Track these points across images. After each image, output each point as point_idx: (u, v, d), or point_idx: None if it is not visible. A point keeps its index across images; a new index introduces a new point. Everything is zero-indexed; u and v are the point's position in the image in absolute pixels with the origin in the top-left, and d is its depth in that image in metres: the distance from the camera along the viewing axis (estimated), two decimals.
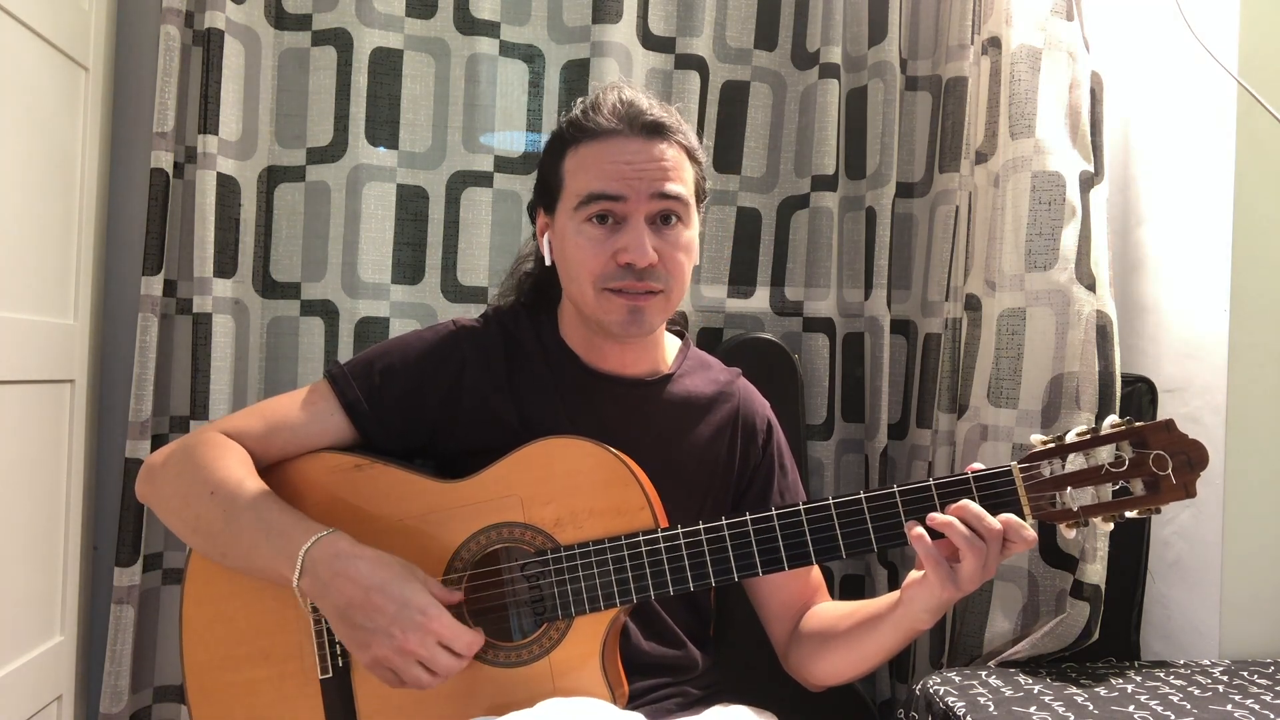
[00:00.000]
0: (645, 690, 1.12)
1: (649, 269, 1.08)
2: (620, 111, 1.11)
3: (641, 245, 1.07)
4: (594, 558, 1.04)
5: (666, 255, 1.09)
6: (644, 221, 1.09)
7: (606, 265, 1.09)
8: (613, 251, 1.08)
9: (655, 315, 1.11)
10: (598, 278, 1.09)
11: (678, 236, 1.11)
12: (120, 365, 1.58)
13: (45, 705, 1.44)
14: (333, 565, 0.99)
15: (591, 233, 1.09)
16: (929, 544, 0.98)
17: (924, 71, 1.77)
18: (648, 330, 1.12)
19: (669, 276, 1.10)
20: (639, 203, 1.08)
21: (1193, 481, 0.96)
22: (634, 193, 1.08)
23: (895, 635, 1.07)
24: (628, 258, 1.07)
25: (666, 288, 1.10)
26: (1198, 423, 1.52)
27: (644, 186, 1.08)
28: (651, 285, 1.09)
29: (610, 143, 1.10)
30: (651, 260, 1.07)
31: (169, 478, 1.11)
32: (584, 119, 1.12)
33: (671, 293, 1.11)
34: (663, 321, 1.14)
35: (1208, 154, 1.55)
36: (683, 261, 1.11)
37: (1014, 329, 1.49)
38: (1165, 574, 1.55)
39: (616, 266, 1.08)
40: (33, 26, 1.33)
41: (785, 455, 1.27)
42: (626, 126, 1.10)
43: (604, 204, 1.08)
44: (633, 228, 1.08)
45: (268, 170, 1.63)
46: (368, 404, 1.13)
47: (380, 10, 1.62)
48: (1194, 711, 1.21)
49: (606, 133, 1.10)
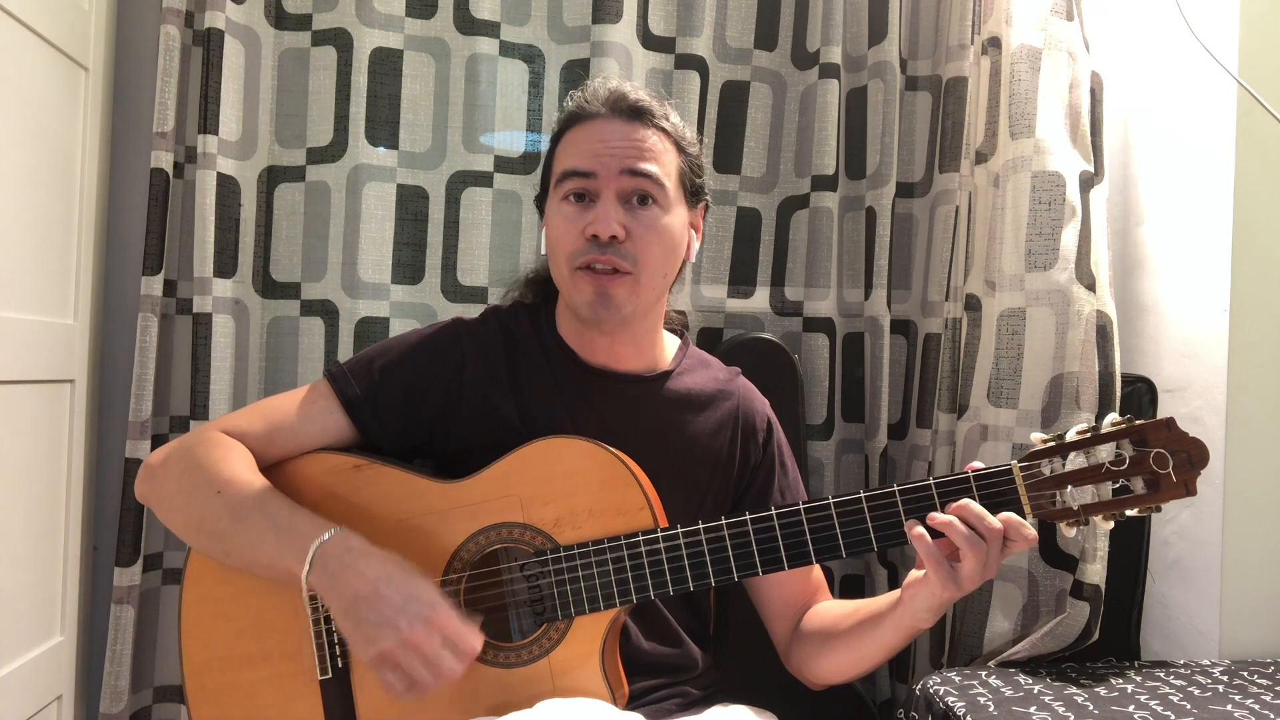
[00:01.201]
0: (645, 690, 1.12)
1: (614, 243, 1.09)
2: (605, 96, 1.14)
3: (606, 217, 1.08)
4: (593, 558, 1.04)
5: (636, 234, 1.10)
6: (615, 197, 1.10)
7: (577, 241, 1.10)
8: (583, 226, 1.10)
9: (624, 298, 1.10)
10: (570, 255, 1.11)
11: (651, 218, 1.11)
12: (120, 365, 1.58)
13: (45, 705, 1.44)
14: (343, 559, 0.99)
15: (566, 210, 1.12)
16: (930, 544, 0.98)
17: (924, 71, 1.77)
18: (617, 314, 1.11)
19: (638, 256, 1.10)
20: (609, 179, 1.10)
21: (1193, 479, 0.96)
22: (604, 169, 1.10)
23: (896, 634, 1.07)
24: (592, 229, 1.08)
25: (635, 269, 1.10)
26: (1198, 423, 1.52)
27: (614, 163, 1.10)
28: (617, 262, 1.09)
29: (592, 125, 1.13)
30: (615, 233, 1.08)
31: (170, 477, 1.11)
32: (577, 106, 1.16)
33: (641, 276, 1.11)
34: (636, 307, 1.13)
35: (1208, 154, 1.55)
36: (653, 243, 1.11)
37: (1014, 329, 1.49)
38: (1165, 574, 1.55)
39: (585, 241, 1.10)
40: (33, 26, 1.34)
41: (786, 454, 1.27)
42: (609, 110, 1.13)
43: (577, 181, 1.11)
44: (602, 202, 1.10)
45: (268, 170, 1.63)
46: (367, 402, 1.13)
47: (380, 10, 1.62)
48: (1194, 711, 1.21)
49: (590, 116, 1.13)
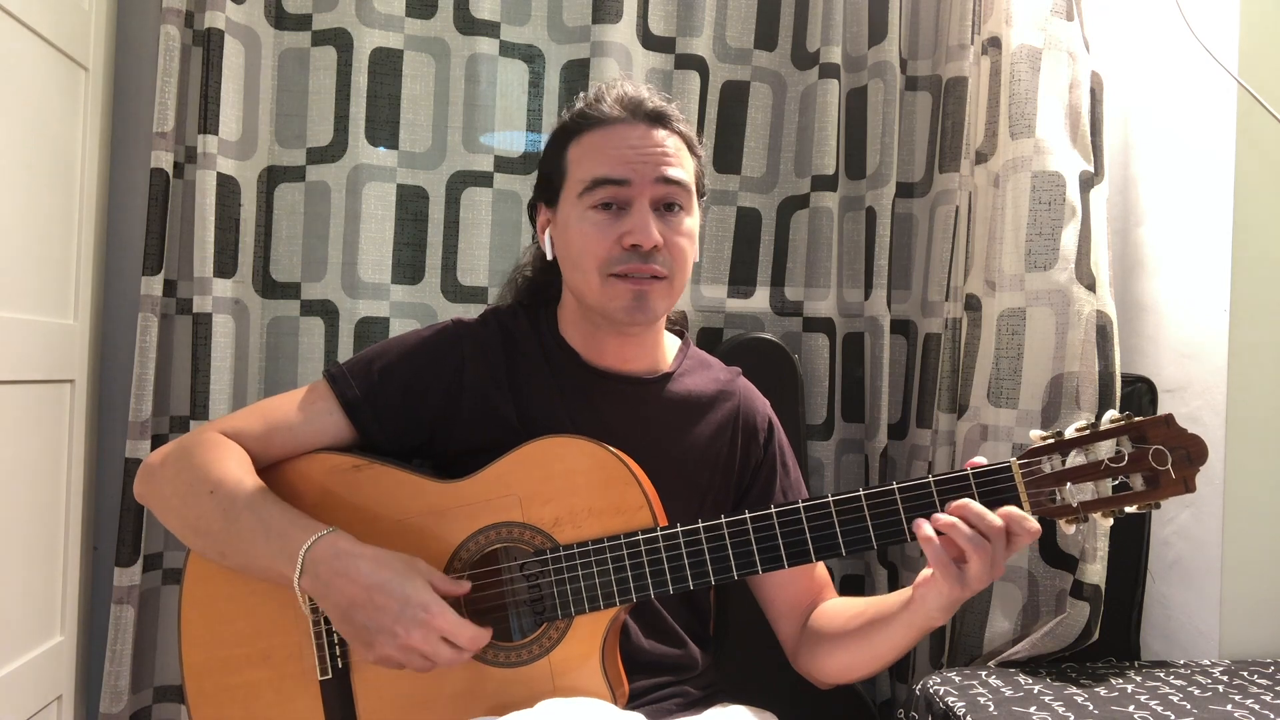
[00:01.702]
0: (645, 690, 1.12)
1: (654, 252, 1.09)
2: (624, 100, 1.13)
3: (647, 227, 1.08)
4: (593, 557, 1.04)
5: (670, 241, 1.10)
6: (649, 205, 1.10)
7: (612, 250, 1.09)
8: (618, 235, 1.09)
9: (659, 301, 1.11)
10: (603, 263, 1.10)
11: (680, 223, 1.12)
12: (120, 365, 1.58)
13: (45, 705, 1.44)
14: (333, 565, 0.99)
15: (596, 218, 1.10)
16: (937, 547, 0.97)
17: (924, 71, 1.77)
18: (652, 317, 1.12)
19: (673, 262, 1.11)
20: (643, 187, 1.09)
21: (1192, 476, 0.96)
22: (639, 176, 1.09)
23: (908, 633, 1.06)
24: (633, 239, 1.08)
25: (670, 273, 1.11)
26: (1197, 423, 1.51)
27: (648, 171, 1.09)
28: (656, 269, 1.10)
29: (614, 130, 1.11)
30: (657, 242, 1.08)
31: (168, 477, 1.11)
32: (588, 109, 1.14)
33: (675, 279, 1.12)
34: (667, 309, 1.14)
35: (1208, 154, 1.55)
36: (685, 248, 1.12)
37: (1014, 329, 1.49)
38: (1165, 574, 1.55)
39: (622, 250, 1.09)
40: (33, 26, 1.34)
41: (787, 454, 1.27)
42: (630, 114, 1.12)
43: (610, 189, 1.09)
44: (638, 211, 1.09)
45: (268, 170, 1.63)
46: (367, 403, 1.13)
47: (380, 10, 1.62)
48: (1194, 711, 1.21)
49: (611, 120, 1.12)
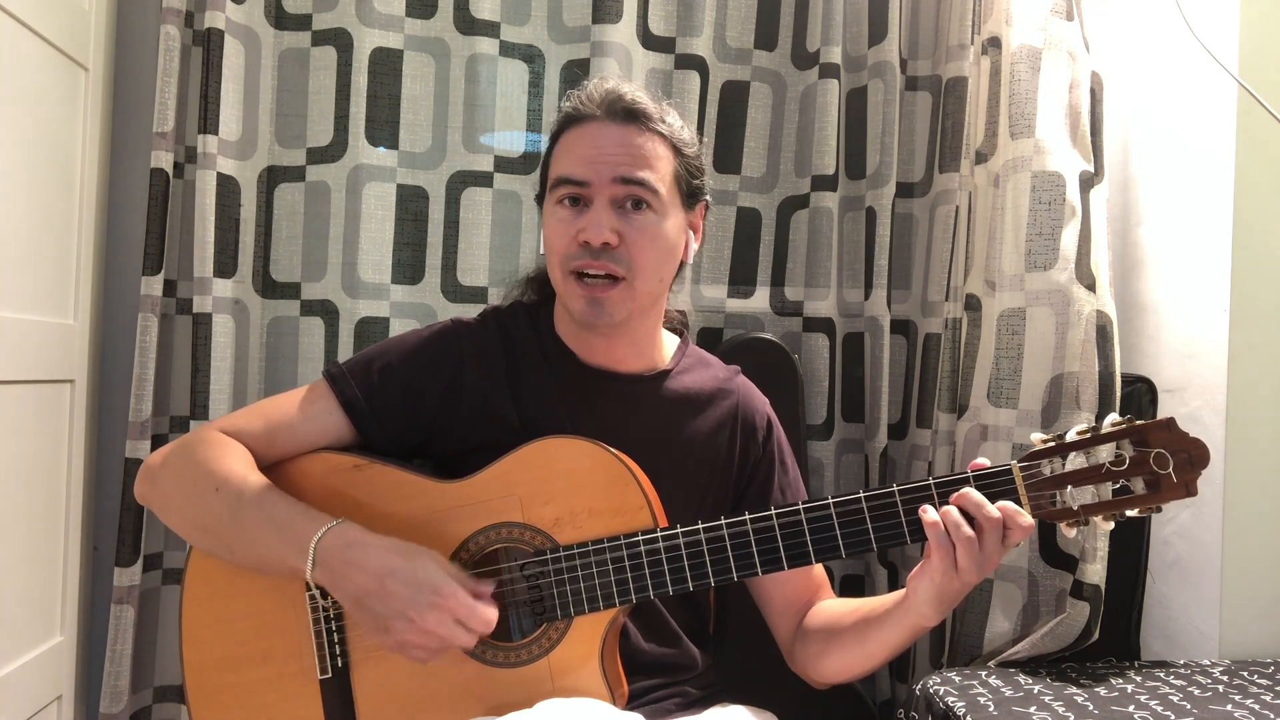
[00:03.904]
0: (645, 690, 1.12)
1: (606, 249, 1.09)
2: (602, 97, 1.13)
3: (598, 224, 1.08)
4: (593, 558, 1.04)
5: (630, 239, 1.10)
6: (608, 204, 1.10)
7: (570, 246, 1.10)
8: (575, 231, 1.10)
9: (616, 306, 1.11)
10: (563, 258, 1.11)
11: (645, 223, 1.11)
12: (120, 365, 1.58)
13: (45, 705, 1.44)
14: (344, 555, 0.99)
15: (561, 214, 1.12)
16: (941, 529, 0.98)
17: (924, 71, 1.76)
18: (609, 320, 1.11)
19: (631, 262, 1.10)
20: (602, 186, 1.09)
21: (1194, 480, 0.96)
22: (597, 177, 1.09)
23: (900, 631, 1.06)
24: (584, 236, 1.09)
25: (629, 274, 1.10)
26: (1198, 423, 1.52)
27: (607, 171, 1.09)
28: (611, 268, 1.09)
29: (586, 128, 1.12)
30: (607, 240, 1.08)
31: (170, 477, 1.11)
32: (572, 109, 1.15)
33: (635, 281, 1.11)
34: (630, 312, 1.13)
35: (1208, 154, 1.55)
36: (646, 248, 1.11)
37: (1014, 329, 1.49)
38: (1165, 574, 1.55)
39: (577, 245, 1.10)
40: (33, 26, 1.34)
41: (786, 452, 1.27)
42: (604, 112, 1.12)
43: (570, 188, 1.11)
44: (595, 208, 1.09)
45: (268, 170, 1.63)
46: (366, 402, 1.13)
47: (380, 10, 1.62)
48: (1194, 711, 1.21)
49: (586, 118, 1.13)
